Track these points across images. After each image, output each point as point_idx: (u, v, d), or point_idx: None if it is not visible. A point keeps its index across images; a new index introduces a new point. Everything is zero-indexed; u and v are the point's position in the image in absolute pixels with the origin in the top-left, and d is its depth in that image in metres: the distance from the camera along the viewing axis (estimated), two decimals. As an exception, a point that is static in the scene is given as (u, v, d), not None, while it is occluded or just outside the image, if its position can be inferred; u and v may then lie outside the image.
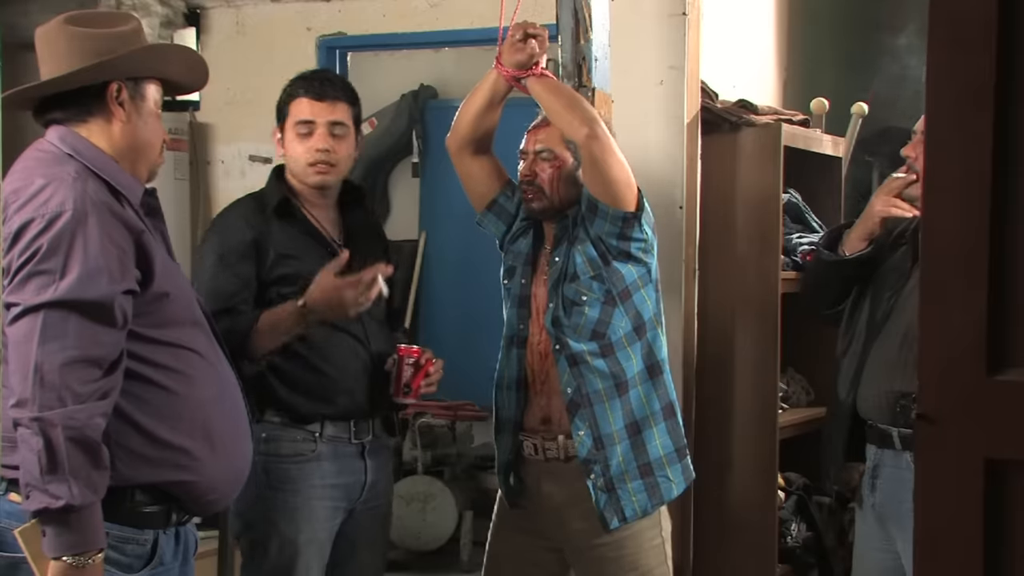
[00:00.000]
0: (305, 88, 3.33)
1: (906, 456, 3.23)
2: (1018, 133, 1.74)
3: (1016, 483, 1.78)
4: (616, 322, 3.21)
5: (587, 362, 3.18)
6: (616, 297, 3.21)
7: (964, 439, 1.79)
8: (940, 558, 1.82)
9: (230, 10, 5.41)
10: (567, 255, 3.24)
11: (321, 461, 3.22)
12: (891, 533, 3.35)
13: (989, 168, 1.74)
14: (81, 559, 2.36)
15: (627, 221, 3.19)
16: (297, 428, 3.22)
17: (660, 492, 3.24)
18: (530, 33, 3.21)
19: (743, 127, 4.34)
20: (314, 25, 5.26)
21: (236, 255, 3.21)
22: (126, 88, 2.57)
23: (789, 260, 4.55)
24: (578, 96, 3.26)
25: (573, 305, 3.20)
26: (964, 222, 1.76)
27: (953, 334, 1.79)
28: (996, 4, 1.73)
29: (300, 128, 3.31)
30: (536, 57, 3.21)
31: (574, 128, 3.14)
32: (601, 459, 3.18)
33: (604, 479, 3.19)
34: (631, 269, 3.23)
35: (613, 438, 3.18)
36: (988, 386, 1.77)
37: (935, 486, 1.82)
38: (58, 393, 2.34)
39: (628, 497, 3.20)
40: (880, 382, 3.30)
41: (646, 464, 3.22)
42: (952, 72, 1.77)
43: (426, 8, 5.07)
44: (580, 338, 3.19)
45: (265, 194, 3.37)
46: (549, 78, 3.26)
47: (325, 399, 3.24)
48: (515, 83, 3.24)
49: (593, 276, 3.21)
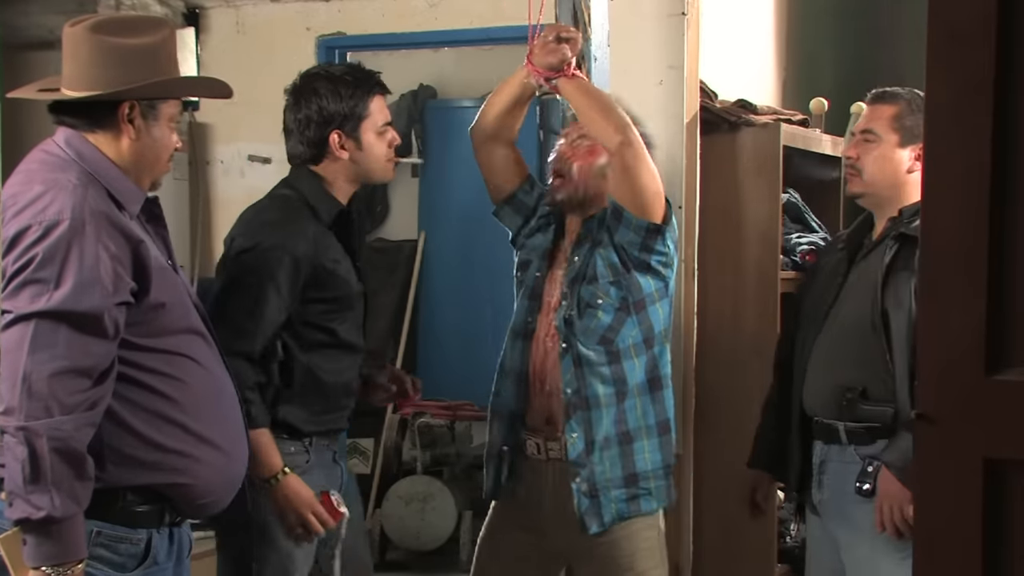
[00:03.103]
0: (379, 87, 3.21)
1: (850, 449, 3.21)
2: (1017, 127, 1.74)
3: (1015, 482, 1.78)
4: (626, 331, 3.20)
5: (592, 366, 3.17)
6: (631, 306, 3.20)
7: (963, 439, 1.79)
8: (939, 557, 1.82)
9: (229, 10, 5.41)
10: (588, 256, 3.22)
11: (313, 472, 3.16)
12: (831, 530, 3.32)
13: (988, 163, 1.74)
14: (60, 570, 2.36)
15: (651, 233, 3.17)
16: (291, 441, 3.13)
17: (640, 504, 3.23)
18: (563, 37, 3.19)
19: (742, 127, 4.34)
20: (313, 25, 5.26)
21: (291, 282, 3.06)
22: (139, 107, 2.56)
23: (788, 260, 4.55)
24: (611, 101, 3.23)
25: (588, 307, 3.19)
26: (963, 219, 1.76)
27: (952, 334, 1.79)
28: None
29: (382, 128, 3.19)
30: (568, 59, 3.20)
31: (607, 134, 3.12)
32: (589, 464, 3.18)
33: (588, 484, 3.18)
34: (649, 281, 3.22)
35: (604, 444, 3.18)
36: (987, 386, 1.77)
37: (934, 485, 1.82)
38: (45, 403, 2.33)
39: (609, 504, 3.19)
40: (826, 378, 3.28)
41: (632, 475, 3.21)
42: (951, 66, 1.77)
43: (425, 8, 5.06)
44: (588, 342, 3.18)
45: (314, 201, 3.17)
46: (581, 79, 3.24)
47: (323, 416, 3.18)
48: (546, 83, 3.21)
49: (612, 281, 3.19)
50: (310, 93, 3.16)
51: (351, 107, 3.14)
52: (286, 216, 3.12)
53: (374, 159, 3.20)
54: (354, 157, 3.17)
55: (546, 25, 3.25)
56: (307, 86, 3.18)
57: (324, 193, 3.18)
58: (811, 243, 4.61)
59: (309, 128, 3.16)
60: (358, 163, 3.19)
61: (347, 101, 3.14)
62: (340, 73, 3.19)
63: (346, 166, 3.18)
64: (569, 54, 3.18)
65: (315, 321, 3.13)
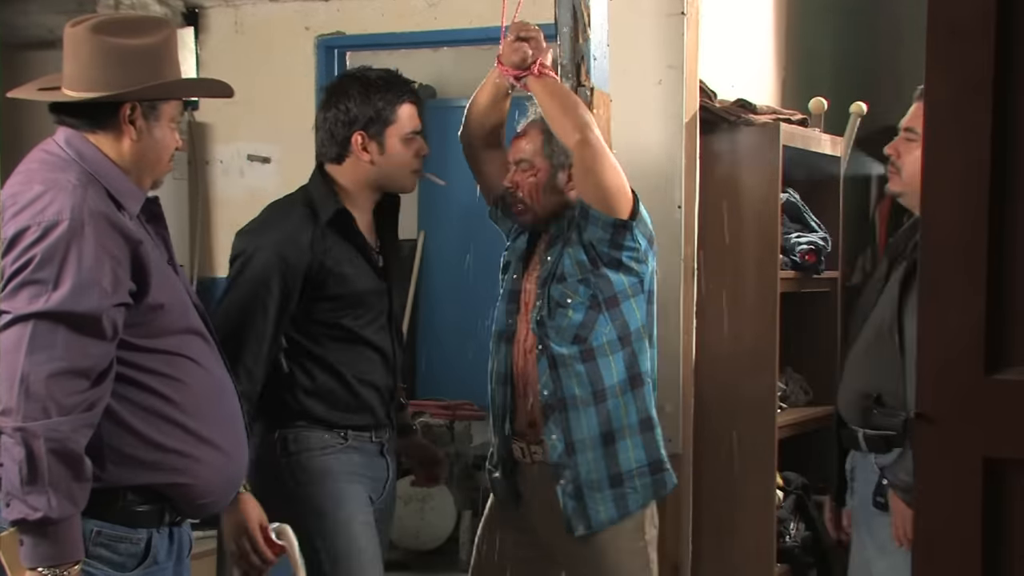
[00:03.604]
0: (411, 94, 3.25)
1: (871, 458, 3.16)
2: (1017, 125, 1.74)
3: (1014, 482, 1.77)
4: (600, 328, 3.19)
5: (567, 366, 3.17)
6: (602, 303, 3.19)
7: (962, 438, 1.79)
8: (938, 557, 1.82)
9: (228, 9, 5.40)
10: (559, 255, 3.23)
11: (350, 453, 3.20)
12: (862, 538, 3.30)
13: (988, 161, 1.74)
14: (57, 571, 2.36)
15: (618, 229, 3.17)
16: (322, 429, 3.19)
17: (627, 503, 3.22)
18: (521, 36, 3.20)
19: (742, 126, 4.34)
20: (312, 25, 5.25)
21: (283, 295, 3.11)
22: (140, 108, 2.55)
23: (788, 259, 4.56)
24: (575, 100, 3.24)
25: (558, 307, 3.20)
26: (963, 216, 1.76)
27: (951, 333, 1.79)
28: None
29: (409, 135, 3.23)
30: (530, 58, 3.20)
31: (567, 133, 3.13)
32: (572, 465, 3.18)
33: (574, 485, 3.18)
34: (621, 278, 3.21)
35: (585, 444, 3.17)
36: (986, 385, 1.77)
37: (933, 485, 1.82)
38: (43, 404, 2.33)
39: (595, 505, 3.19)
40: (851, 382, 3.26)
41: (617, 475, 3.20)
42: (951, 64, 1.77)
43: (424, 8, 5.05)
44: (562, 340, 3.18)
45: (315, 201, 3.22)
46: (548, 78, 3.24)
47: (349, 414, 3.22)
48: (516, 82, 3.23)
49: (580, 279, 3.19)
50: (341, 93, 3.22)
51: (378, 110, 3.19)
52: (280, 218, 3.19)
53: (396, 165, 3.23)
54: (376, 160, 3.21)
55: (511, 24, 3.26)
56: (340, 86, 3.26)
57: (326, 193, 3.21)
58: (810, 243, 4.62)
59: (336, 127, 3.20)
60: (380, 167, 3.22)
61: (375, 104, 3.19)
62: (374, 77, 3.23)
63: (367, 170, 3.22)
64: (530, 53, 3.19)
65: (323, 318, 3.18)
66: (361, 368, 3.22)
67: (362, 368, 3.23)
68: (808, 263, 4.60)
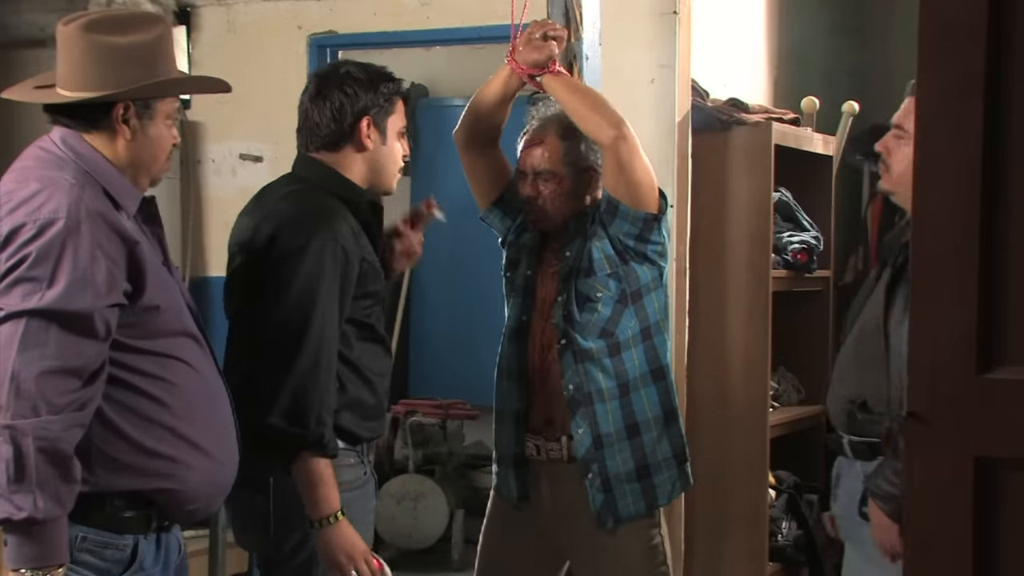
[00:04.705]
0: (404, 91, 3.10)
1: (857, 465, 3.07)
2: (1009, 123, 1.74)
3: (1006, 481, 1.78)
4: (625, 322, 3.19)
5: (593, 360, 3.17)
6: (629, 297, 3.19)
7: (954, 437, 1.79)
8: (931, 555, 1.82)
9: (221, 8, 5.39)
10: (581, 250, 3.21)
11: (368, 486, 3.02)
12: (852, 546, 3.24)
13: (979, 159, 1.74)
14: (40, 573, 2.33)
15: (647, 223, 3.17)
16: (350, 451, 2.96)
17: (655, 495, 3.23)
18: (551, 35, 3.17)
19: (734, 126, 4.35)
20: (305, 24, 5.25)
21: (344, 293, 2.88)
22: (134, 107, 2.53)
23: (780, 258, 4.56)
24: (602, 96, 3.22)
25: (587, 301, 3.19)
26: (955, 215, 1.76)
27: (943, 333, 1.79)
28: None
29: (402, 131, 3.09)
30: (554, 57, 3.18)
31: (601, 130, 3.10)
32: (599, 459, 3.17)
33: (601, 479, 3.18)
34: (646, 271, 3.21)
35: (612, 438, 3.17)
36: (978, 384, 1.77)
37: (925, 484, 1.82)
38: (33, 402, 2.31)
39: (624, 498, 3.19)
40: (838, 387, 3.22)
41: (644, 467, 3.20)
42: (943, 62, 1.77)
43: (417, 7, 5.05)
44: (589, 335, 3.17)
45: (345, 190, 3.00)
46: (567, 76, 3.23)
47: (369, 422, 3.02)
48: (530, 80, 3.19)
49: (610, 273, 3.18)
50: (341, 79, 3.01)
51: (385, 98, 3.03)
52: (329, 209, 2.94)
53: (391, 160, 3.08)
54: (377, 150, 3.03)
55: (531, 22, 3.23)
56: (335, 73, 3.04)
57: (349, 183, 3.02)
58: (802, 242, 4.62)
59: (342, 112, 2.99)
60: (377, 159, 3.05)
61: (381, 91, 3.02)
62: (373, 67, 3.07)
63: (364, 160, 3.03)
64: (556, 52, 3.17)
65: (358, 317, 2.96)
66: (380, 368, 3.04)
67: (381, 368, 3.04)
68: (800, 262, 4.60)
